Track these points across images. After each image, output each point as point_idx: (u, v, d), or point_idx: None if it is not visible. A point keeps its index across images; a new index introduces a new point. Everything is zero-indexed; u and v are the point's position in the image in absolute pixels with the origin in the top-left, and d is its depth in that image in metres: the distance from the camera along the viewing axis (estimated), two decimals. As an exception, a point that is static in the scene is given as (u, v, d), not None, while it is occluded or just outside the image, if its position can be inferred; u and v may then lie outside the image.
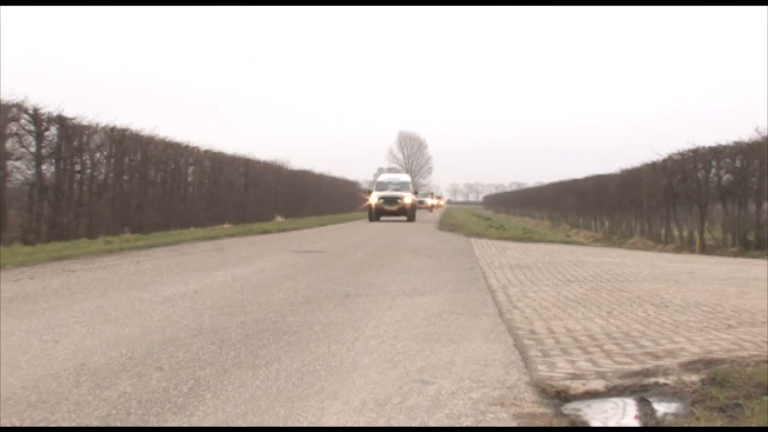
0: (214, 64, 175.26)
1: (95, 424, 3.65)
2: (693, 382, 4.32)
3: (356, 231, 25.91)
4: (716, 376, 4.34)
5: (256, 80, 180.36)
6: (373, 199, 38.04)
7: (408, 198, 38.10)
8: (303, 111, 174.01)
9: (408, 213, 37.93)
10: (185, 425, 3.67)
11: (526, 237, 22.87)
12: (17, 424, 3.63)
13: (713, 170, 21.04)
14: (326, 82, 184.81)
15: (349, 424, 3.70)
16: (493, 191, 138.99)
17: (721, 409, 3.74)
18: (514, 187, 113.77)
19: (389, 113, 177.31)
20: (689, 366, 4.78)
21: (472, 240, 21.02)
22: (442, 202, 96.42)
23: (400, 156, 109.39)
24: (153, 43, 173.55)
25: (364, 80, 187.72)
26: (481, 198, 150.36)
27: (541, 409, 3.94)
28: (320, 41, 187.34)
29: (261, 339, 5.83)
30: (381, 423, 3.72)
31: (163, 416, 3.79)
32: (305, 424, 3.70)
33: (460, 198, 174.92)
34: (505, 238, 21.95)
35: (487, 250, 16.87)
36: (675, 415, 3.81)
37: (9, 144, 15.31)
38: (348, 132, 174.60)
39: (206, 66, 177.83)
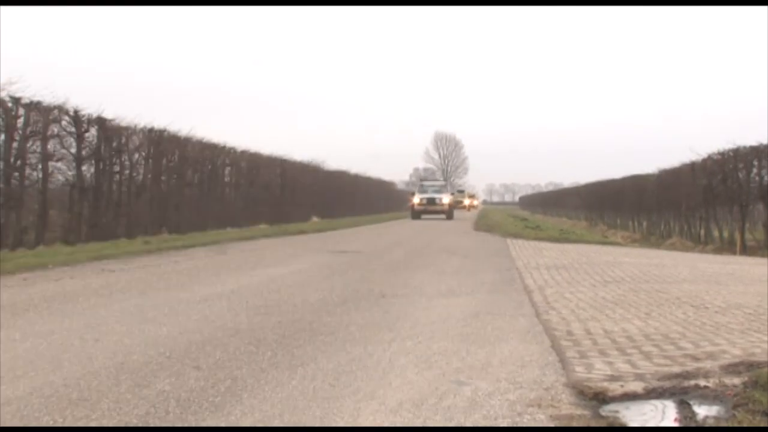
0: (217, 62, 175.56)
1: (134, 422, 3.69)
2: (735, 385, 4.25)
3: (392, 231, 25.92)
4: (759, 379, 4.26)
5: (260, 79, 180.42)
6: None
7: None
8: (337, 112, 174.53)
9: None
10: (223, 425, 3.70)
11: (562, 237, 22.70)
12: (60, 421, 3.69)
13: (754, 170, 20.69)
14: (360, 85, 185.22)
15: (386, 425, 3.70)
16: (530, 191, 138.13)
17: (765, 413, 3.67)
18: (551, 188, 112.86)
19: (426, 115, 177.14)
20: (730, 369, 4.70)
21: (509, 240, 20.91)
22: (475, 202, 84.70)
23: (436, 156, 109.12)
24: (151, 42, 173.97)
25: (399, 82, 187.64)
26: (517, 198, 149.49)
27: (579, 411, 3.90)
28: (347, 42, 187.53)
29: (297, 339, 5.85)
30: (417, 423, 3.71)
31: (201, 415, 3.83)
32: (342, 424, 3.71)
33: (496, 198, 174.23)
34: (542, 239, 21.80)
35: (523, 250, 16.77)
36: (716, 418, 3.75)
37: (50, 145, 15.57)
38: (382, 133, 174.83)
39: (208, 64, 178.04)
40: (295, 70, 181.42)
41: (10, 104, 14.24)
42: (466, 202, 75.70)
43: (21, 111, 14.60)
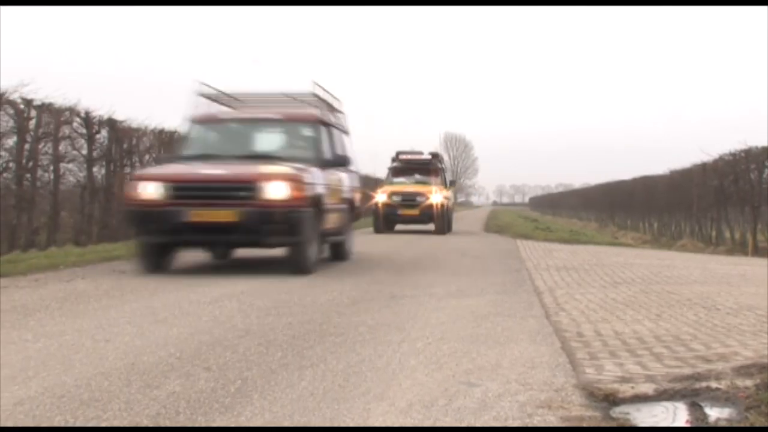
0: (212, 63, 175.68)
1: (145, 422, 3.70)
2: (747, 387, 4.23)
3: (395, 233, 25.87)
4: (771, 381, 4.24)
5: (259, 80, 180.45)
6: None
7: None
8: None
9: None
10: (233, 425, 3.71)
11: (573, 239, 22.66)
12: (71, 421, 3.70)
13: (767, 171, 20.62)
14: (368, 85, 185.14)
15: (396, 425, 3.70)
16: (540, 192, 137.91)
17: (776, 415, 3.65)
18: (561, 189, 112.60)
19: (436, 117, 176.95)
20: (742, 370, 4.68)
21: (519, 242, 20.87)
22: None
23: (446, 157, 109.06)
24: (145, 41, 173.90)
25: (408, 83, 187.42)
26: (527, 199, 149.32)
27: (589, 412, 3.89)
28: (356, 43, 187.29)
29: (307, 340, 5.85)
30: (428, 424, 3.71)
31: (211, 416, 3.83)
32: (352, 425, 3.71)
33: (506, 199, 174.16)
34: (552, 240, 21.76)
35: (533, 251, 16.74)
36: (728, 420, 3.73)
37: (62, 147, 15.64)
38: (395, 133, 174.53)
39: (203, 65, 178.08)
40: (302, 71, 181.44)
41: (22, 106, 14.29)
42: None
43: (33, 113, 14.66)
